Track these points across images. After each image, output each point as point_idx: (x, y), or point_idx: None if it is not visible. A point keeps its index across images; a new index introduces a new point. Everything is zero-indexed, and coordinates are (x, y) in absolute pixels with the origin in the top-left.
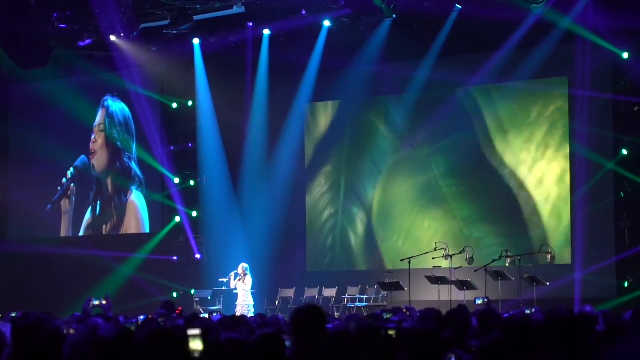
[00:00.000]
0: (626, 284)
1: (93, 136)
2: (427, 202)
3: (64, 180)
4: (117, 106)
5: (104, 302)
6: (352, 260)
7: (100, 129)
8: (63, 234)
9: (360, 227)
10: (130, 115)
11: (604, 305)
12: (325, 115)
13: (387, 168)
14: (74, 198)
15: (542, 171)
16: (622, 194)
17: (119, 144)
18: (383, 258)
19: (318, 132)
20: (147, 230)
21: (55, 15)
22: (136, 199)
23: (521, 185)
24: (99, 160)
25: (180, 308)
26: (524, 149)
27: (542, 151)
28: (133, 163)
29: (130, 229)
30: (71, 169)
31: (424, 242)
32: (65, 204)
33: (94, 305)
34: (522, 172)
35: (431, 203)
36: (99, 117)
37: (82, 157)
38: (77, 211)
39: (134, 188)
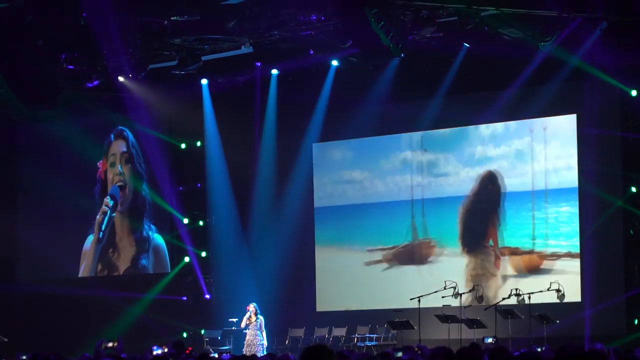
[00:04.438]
0: (636, 322)
1: (118, 169)
2: (439, 240)
3: (107, 211)
4: (133, 137)
5: (115, 344)
6: (362, 300)
7: (125, 158)
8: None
9: (369, 266)
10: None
11: (614, 342)
12: (334, 154)
13: (397, 207)
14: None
15: (551, 208)
16: (631, 232)
17: (142, 173)
18: (393, 297)
19: (327, 171)
20: (169, 269)
21: (63, 56)
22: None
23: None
24: (126, 193)
25: (190, 348)
26: (533, 184)
27: (551, 188)
28: (148, 196)
29: (153, 266)
30: (108, 198)
31: (434, 281)
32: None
33: (106, 347)
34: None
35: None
36: (121, 146)
37: (115, 187)
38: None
39: (150, 224)
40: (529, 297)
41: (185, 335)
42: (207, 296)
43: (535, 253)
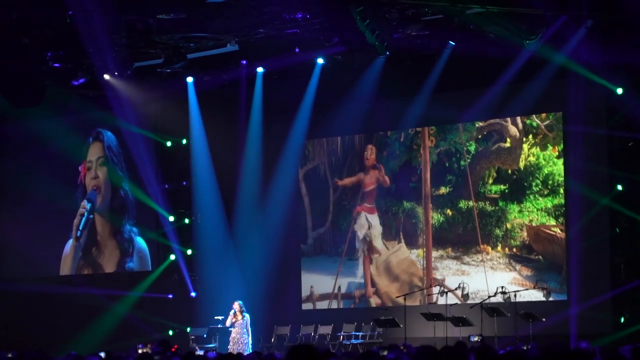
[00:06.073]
0: (622, 320)
1: (94, 173)
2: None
3: (85, 213)
4: (113, 138)
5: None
6: (348, 297)
7: (101, 162)
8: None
9: (356, 264)
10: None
11: (600, 341)
12: (319, 152)
13: (382, 204)
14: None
15: (537, 206)
16: (617, 230)
17: (120, 173)
18: (378, 294)
19: (312, 168)
20: (150, 268)
21: (49, 54)
22: (138, 235)
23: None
24: (102, 195)
25: (176, 346)
26: (519, 183)
27: (537, 186)
28: (129, 196)
29: (138, 268)
30: (85, 202)
31: (420, 278)
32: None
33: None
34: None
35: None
36: (97, 150)
37: (92, 191)
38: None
39: (132, 225)
40: (515, 295)
41: (171, 333)
42: (193, 294)
43: None
